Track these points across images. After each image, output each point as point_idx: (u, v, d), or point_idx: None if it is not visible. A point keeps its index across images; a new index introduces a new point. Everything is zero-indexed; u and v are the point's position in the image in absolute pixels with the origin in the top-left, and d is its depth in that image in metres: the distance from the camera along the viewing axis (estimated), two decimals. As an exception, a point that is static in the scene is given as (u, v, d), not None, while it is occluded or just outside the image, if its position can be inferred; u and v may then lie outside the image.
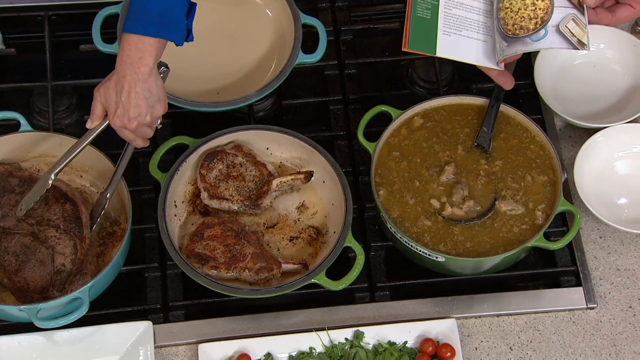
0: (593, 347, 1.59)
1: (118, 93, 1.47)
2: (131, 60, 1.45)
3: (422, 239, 1.59)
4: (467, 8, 1.62)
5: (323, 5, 1.89)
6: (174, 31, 1.47)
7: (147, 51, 1.45)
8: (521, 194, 1.63)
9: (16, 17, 1.85)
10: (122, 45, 1.46)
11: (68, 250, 1.57)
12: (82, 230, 1.58)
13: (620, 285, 1.64)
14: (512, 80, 1.64)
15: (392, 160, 1.66)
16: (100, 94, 1.50)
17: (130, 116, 1.49)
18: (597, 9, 1.57)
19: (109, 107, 1.50)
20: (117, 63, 1.47)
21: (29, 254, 1.57)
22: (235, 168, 1.67)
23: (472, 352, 1.58)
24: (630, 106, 1.76)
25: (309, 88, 1.84)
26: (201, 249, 1.59)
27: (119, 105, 1.48)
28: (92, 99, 1.55)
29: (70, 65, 1.83)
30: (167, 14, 1.45)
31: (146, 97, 1.48)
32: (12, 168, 1.64)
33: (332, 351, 1.56)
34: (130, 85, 1.46)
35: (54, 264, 1.56)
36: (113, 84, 1.48)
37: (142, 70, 1.46)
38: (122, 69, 1.47)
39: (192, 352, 1.57)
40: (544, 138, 1.66)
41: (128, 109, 1.48)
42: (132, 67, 1.46)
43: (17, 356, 1.53)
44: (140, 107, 1.48)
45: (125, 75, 1.46)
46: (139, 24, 1.44)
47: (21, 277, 1.56)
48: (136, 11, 1.44)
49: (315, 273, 1.56)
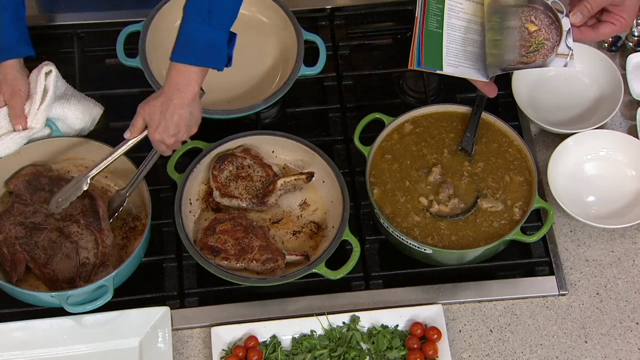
0: (564, 330, 1.60)
1: (163, 112, 1.49)
2: (179, 86, 1.47)
3: (412, 233, 1.60)
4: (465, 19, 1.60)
5: (323, 23, 1.89)
6: (217, 60, 1.49)
7: (194, 79, 1.47)
8: (500, 193, 1.64)
9: (49, 34, 1.85)
10: (170, 72, 1.47)
11: (90, 245, 1.58)
12: (101, 223, 1.59)
13: (588, 274, 1.65)
14: (496, 89, 1.62)
15: (385, 162, 1.66)
16: (145, 111, 1.52)
17: (170, 133, 1.51)
18: (581, 27, 1.56)
19: (151, 123, 1.51)
20: (166, 87, 1.48)
21: (55, 248, 1.58)
22: (244, 169, 1.68)
23: (456, 334, 1.59)
24: (597, 114, 1.77)
25: (310, 97, 1.84)
26: (213, 242, 1.60)
27: (161, 122, 1.50)
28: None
29: (96, 77, 1.83)
30: (212, 46, 1.46)
31: (187, 119, 1.51)
32: (42, 169, 1.65)
33: (330, 333, 1.57)
34: (176, 108, 1.48)
35: (79, 257, 1.57)
36: (159, 104, 1.49)
37: (188, 96, 1.48)
38: (170, 93, 1.48)
39: (205, 335, 1.57)
40: (520, 142, 1.67)
41: (169, 127, 1.50)
42: (179, 93, 1.47)
43: (49, 337, 1.55)
44: (180, 126, 1.51)
45: (172, 99, 1.48)
46: (187, 54, 1.45)
47: (50, 269, 1.57)
48: (185, 42, 1.45)
49: (316, 264, 1.56)
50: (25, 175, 1.64)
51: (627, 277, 1.66)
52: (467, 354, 1.58)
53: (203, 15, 1.44)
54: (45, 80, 1.64)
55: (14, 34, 1.58)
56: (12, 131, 1.62)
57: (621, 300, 1.64)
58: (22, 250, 1.57)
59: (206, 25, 1.45)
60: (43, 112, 1.63)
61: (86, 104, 1.70)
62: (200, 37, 1.45)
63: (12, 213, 1.60)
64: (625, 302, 1.63)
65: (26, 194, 1.63)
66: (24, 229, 1.59)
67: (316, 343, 1.56)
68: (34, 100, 1.62)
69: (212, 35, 1.46)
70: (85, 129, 1.71)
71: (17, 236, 1.58)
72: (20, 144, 1.62)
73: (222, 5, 1.46)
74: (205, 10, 1.44)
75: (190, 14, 1.45)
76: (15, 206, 1.61)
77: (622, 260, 1.67)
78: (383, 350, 1.55)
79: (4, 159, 1.63)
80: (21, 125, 1.61)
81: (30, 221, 1.60)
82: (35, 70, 1.65)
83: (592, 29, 1.57)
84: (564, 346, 1.59)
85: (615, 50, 1.87)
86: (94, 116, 1.71)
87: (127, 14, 1.84)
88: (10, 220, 1.60)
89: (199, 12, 1.44)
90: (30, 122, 1.62)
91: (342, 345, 1.56)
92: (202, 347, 1.57)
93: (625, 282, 1.65)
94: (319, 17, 1.90)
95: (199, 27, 1.45)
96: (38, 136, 1.66)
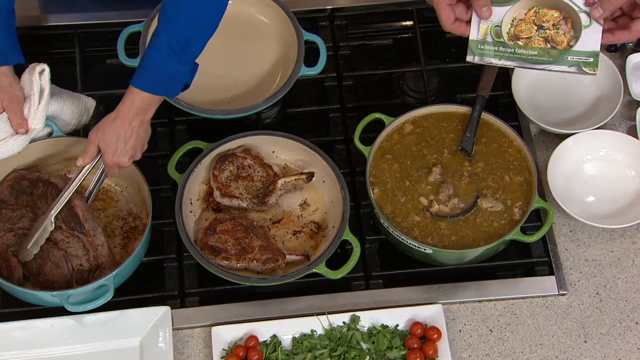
0: (564, 329, 1.59)
1: (121, 136, 1.50)
2: (138, 110, 1.49)
3: (412, 233, 1.59)
4: None
5: (323, 24, 1.88)
6: (177, 90, 1.52)
7: (153, 105, 1.51)
8: (500, 193, 1.63)
9: (49, 34, 1.85)
10: (130, 96, 1.49)
11: (80, 252, 1.56)
12: (83, 225, 1.57)
13: (588, 274, 1.64)
14: None
15: (385, 162, 1.66)
16: (99, 137, 1.52)
17: (128, 155, 1.52)
18: (613, 31, 1.47)
19: (107, 148, 1.52)
20: (122, 110, 1.49)
21: (44, 257, 1.56)
22: (245, 169, 1.67)
23: (456, 333, 1.58)
24: (597, 114, 1.75)
25: (311, 98, 1.83)
26: (214, 241, 1.59)
27: (119, 146, 1.51)
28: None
29: (97, 77, 1.83)
30: (177, 78, 1.49)
31: (143, 140, 1.54)
32: (25, 172, 1.63)
33: (331, 333, 1.56)
34: (134, 131, 1.51)
35: (70, 264, 1.55)
36: (116, 128, 1.50)
37: (147, 119, 1.52)
38: (128, 116, 1.49)
39: (206, 334, 1.57)
40: (520, 143, 1.66)
41: (128, 150, 1.51)
42: (138, 116, 1.50)
43: (50, 337, 1.54)
44: (136, 147, 1.53)
45: (131, 122, 1.50)
46: (152, 84, 1.48)
47: (43, 277, 1.56)
48: (152, 72, 1.47)
49: (316, 263, 1.56)
50: (9, 180, 1.64)
51: (627, 277, 1.65)
52: (467, 353, 1.57)
53: (176, 50, 1.46)
54: (40, 79, 1.63)
55: (7, 41, 1.58)
56: (15, 134, 1.61)
57: (621, 300, 1.63)
58: (14, 257, 1.56)
59: (176, 61, 1.47)
60: (42, 112, 1.62)
61: (79, 97, 1.71)
62: (168, 70, 1.48)
63: (1, 220, 1.60)
64: (624, 302, 1.63)
65: (11, 198, 1.62)
66: (14, 236, 1.58)
67: (316, 343, 1.55)
68: (32, 101, 1.61)
69: (180, 70, 1.49)
70: (82, 122, 1.71)
71: (9, 244, 1.57)
72: (23, 145, 1.62)
73: (198, 43, 1.48)
74: (180, 47, 1.46)
75: (162, 44, 1.46)
76: (3, 212, 1.61)
77: (621, 260, 1.67)
78: (383, 350, 1.55)
79: (6, 161, 1.63)
80: (24, 128, 1.61)
81: (18, 227, 1.59)
82: (27, 72, 1.64)
83: (624, 29, 1.46)
84: (563, 346, 1.59)
85: (615, 50, 1.85)
86: (88, 107, 1.71)
87: (128, 15, 1.83)
88: (0, 227, 1.59)
89: (171, 46, 1.45)
90: (31, 124, 1.62)
91: (343, 344, 1.55)
92: (202, 347, 1.57)
93: (625, 282, 1.65)
94: (319, 18, 1.89)
95: (169, 61, 1.47)
96: (39, 136, 1.65)
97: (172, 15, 1.44)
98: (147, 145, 1.57)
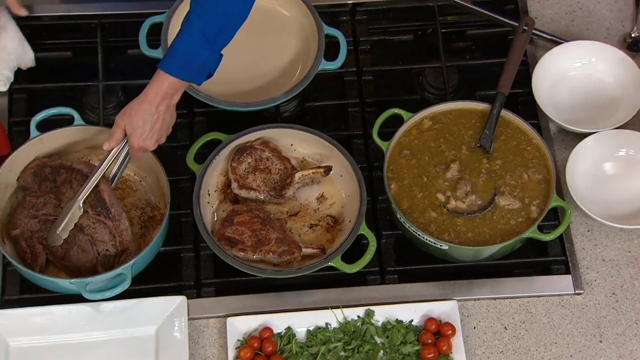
0: (579, 329, 1.58)
1: (147, 120, 1.50)
2: (165, 94, 1.49)
3: (428, 229, 1.59)
4: None
5: (344, 18, 1.87)
6: (204, 78, 1.53)
7: (180, 90, 1.51)
8: (518, 191, 1.62)
9: (72, 24, 1.85)
10: (160, 82, 1.49)
11: (107, 237, 1.57)
12: (110, 210, 1.57)
13: (605, 274, 1.63)
14: None
15: (403, 158, 1.65)
16: (125, 121, 1.52)
17: (154, 139, 1.52)
18: None
19: (134, 132, 1.51)
20: (150, 93, 1.49)
21: (70, 242, 1.57)
22: (263, 162, 1.67)
23: (470, 330, 1.58)
24: (617, 114, 1.74)
25: (330, 92, 1.83)
26: (231, 233, 1.59)
27: (146, 129, 1.51)
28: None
29: (119, 68, 1.83)
30: (205, 65, 1.50)
31: (169, 124, 1.53)
32: (47, 160, 1.64)
33: (345, 327, 1.56)
34: (160, 114, 1.50)
35: (96, 249, 1.56)
36: (143, 112, 1.50)
37: (173, 103, 1.52)
38: (156, 100, 1.49)
39: (221, 325, 1.57)
40: (539, 141, 1.65)
41: (154, 133, 1.51)
42: (165, 100, 1.50)
43: (68, 323, 1.55)
44: (162, 131, 1.53)
45: (158, 106, 1.50)
46: (182, 70, 1.48)
47: (69, 261, 1.57)
48: (183, 58, 1.47)
49: (332, 257, 1.56)
50: (31, 168, 1.65)
51: (644, 277, 1.65)
52: (481, 350, 1.57)
53: (209, 38, 1.47)
54: None
55: None
56: None
57: (637, 300, 1.62)
58: (39, 243, 1.57)
59: (208, 48, 1.48)
60: None
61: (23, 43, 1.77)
62: (199, 57, 1.48)
63: (25, 207, 1.61)
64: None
65: (34, 185, 1.63)
66: (38, 222, 1.59)
67: (331, 336, 1.55)
68: None
69: (210, 57, 1.49)
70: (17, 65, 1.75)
71: (33, 230, 1.58)
72: None
73: (230, 32, 1.49)
74: (213, 35, 1.47)
75: (194, 30, 1.46)
76: (27, 199, 1.62)
77: (638, 261, 1.65)
78: (397, 345, 1.55)
79: (28, 149, 1.63)
80: None
81: (42, 213, 1.59)
82: None
83: None
84: (578, 345, 1.57)
85: (637, 50, 1.83)
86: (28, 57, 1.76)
87: (150, 5, 1.83)
88: (24, 213, 1.60)
89: (204, 34, 1.46)
90: None
91: (357, 338, 1.55)
92: (217, 337, 1.57)
93: (642, 282, 1.64)
94: (340, 12, 1.89)
95: (201, 48, 1.47)
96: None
97: (206, 3, 1.45)
98: (171, 129, 1.56)
